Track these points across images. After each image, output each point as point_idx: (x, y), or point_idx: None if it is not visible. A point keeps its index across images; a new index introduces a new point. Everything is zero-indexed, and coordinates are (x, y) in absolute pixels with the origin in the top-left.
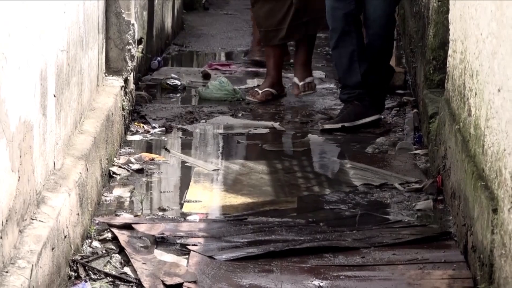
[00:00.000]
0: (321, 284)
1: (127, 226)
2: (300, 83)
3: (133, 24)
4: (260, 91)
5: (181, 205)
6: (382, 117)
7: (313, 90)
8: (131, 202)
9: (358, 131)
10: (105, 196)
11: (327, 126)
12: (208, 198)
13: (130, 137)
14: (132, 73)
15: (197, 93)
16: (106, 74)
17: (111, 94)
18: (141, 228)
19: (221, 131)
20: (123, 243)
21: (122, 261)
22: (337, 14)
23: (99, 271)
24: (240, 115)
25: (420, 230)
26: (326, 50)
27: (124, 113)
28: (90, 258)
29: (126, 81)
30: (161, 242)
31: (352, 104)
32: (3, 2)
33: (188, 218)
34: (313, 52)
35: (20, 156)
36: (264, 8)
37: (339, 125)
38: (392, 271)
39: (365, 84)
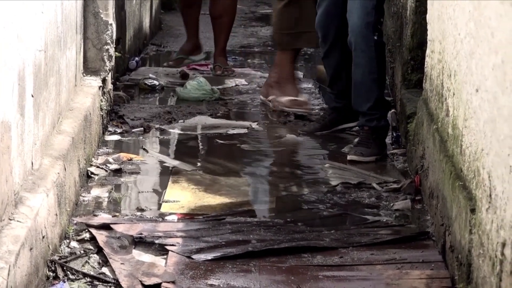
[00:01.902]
0: (299, 284)
1: (105, 226)
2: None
3: (111, 24)
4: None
5: (160, 205)
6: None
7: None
8: (109, 202)
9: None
10: (83, 196)
11: (305, 130)
12: (186, 198)
13: (108, 137)
14: (110, 73)
15: (175, 93)
16: (84, 74)
17: (89, 94)
18: (120, 228)
19: (199, 131)
20: (101, 243)
21: (101, 261)
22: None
23: (77, 271)
24: (218, 115)
25: (398, 230)
26: (304, 51)
27: (102, 113)
28: (68, 259)
29: (104, 81)
30: (139, 242)
31: (327, 111)
32: None
33: (167, 218)
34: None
35: None
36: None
37: (318, 134)
38: (370, 271)
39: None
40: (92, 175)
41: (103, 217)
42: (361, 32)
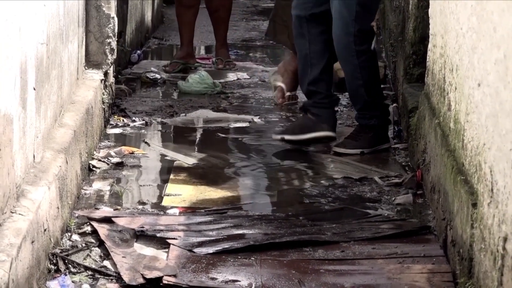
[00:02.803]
0: (300, 278)
1: (107, 220)
2: (287, 94)
3: (113, 18)
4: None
5: (161, 199)
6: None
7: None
8: (111, 195)
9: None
10: (84, 190)
11: (274, 137)
12: (188, 192)
13: (109, 131)
14: (112, 67)
15: (177, 87)
16: (86, 68)
17: (91, 87)
18: (121, 221)
19: (201, 124)
20: (102, 237)
21: (102, 255)
22: (293, 15)
23: (78, 264)
24: (220, 108)
25: (400, 224)
26: None
27: (104, 107)
28: (70, 252)
29: (106, 74)
30: (141, 235)
31: (303, 115)
32: None
33: (168, 211)
34: None
35: (0, 149)
36: None
37: (278, 137)
38: (371, 265)
39: (312, 93)
40: (94, 168)
41: (105, 211)
42: (341, 42)
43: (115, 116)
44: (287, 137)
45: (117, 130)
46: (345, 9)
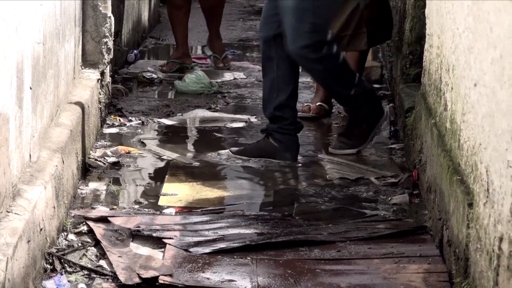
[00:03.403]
0: (296, 278)
1: (103, 219)
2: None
3: (109, 17)
4: (311, 105)
5: (157, 198)
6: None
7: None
8: (107, 195)
9: None
10: (81, 189)
11: (229, 154)
12: (184, 191)
13: (106, 130)
14: (108, 66)
15: (173, 87)
16: (83, 67)
17: (88, 87)
18: (117, 221)
19: (197, 124)
20: (99, 236)
21: (98, 254)
22: (260, 38)
23: (74, 264)
24: (216, 108)
25: (396, 224)
26: None
27: (100, 106)
28: (66, 251)
29: (102, 74)
30: (137, 235)
31: (264, 139)
32: None
33: (164, 211)
34: None
35: None
36: None
37: (232, 154)
38: (367, 265)
39: (277, 118)
40: (90, 168)
41: (101, 210)
42: (297, 55)
43: (112, 116)
44: (244, 158)
45: (114, 130)
46: (298, 23)
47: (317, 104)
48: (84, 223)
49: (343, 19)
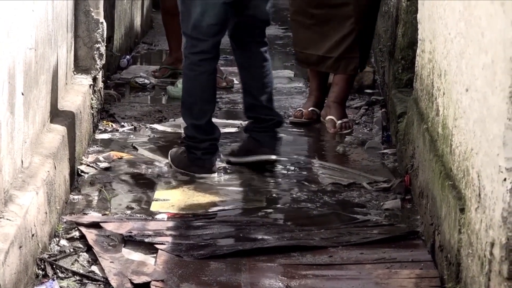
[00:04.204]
0: (288, 283)
1: (95, 225)
2: (338, 122)
3: (102, 23)
4: (304, 110)
5: (149, 204)
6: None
7: (350, 129)
8: (99, 200)
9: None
10: (73, 195)
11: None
12: (176, 197)
13: (98, 136)
14: (101, 72)
15: (166, 92)
16: (75, 73)
17: (80, 92)
18: (109, 226)
19: None
20: (91, 242)
21: (90, 260)
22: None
23: (66, 269)
24: None
25: (388, 230)
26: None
27: (92, 112)
28: (58, 257)
29: (94, 79)
30: (129, 240)
31: (248, 138)
32: None
33: (156, 216)
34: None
35: None
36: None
37: (224, 160)
38: (359, 270)
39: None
40: (82, 174)
41: (93, 216)
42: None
43: (104, 121)
44: (232, 159)
45: (106, 135)
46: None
47: (310, 109)
48: (76, 228)
49: (335, 40)
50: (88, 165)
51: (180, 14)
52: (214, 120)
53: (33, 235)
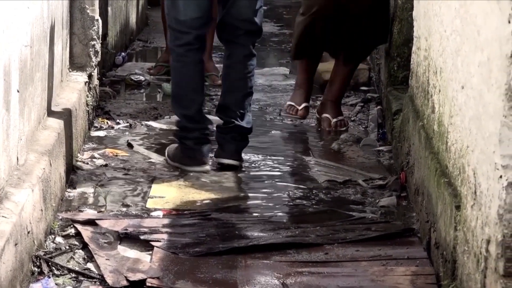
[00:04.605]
0: (284, 280)
1: (91, 222)
2: (333, 120)
3: (97, 20)
4: (297, 107)
5: (145, 201)
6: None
7: (346, 127)
8: (95, 198)
9: None
10: (68, 192)
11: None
12: (172, 194)
13: (94, 133)
14: (96, 69)
15: (161, 89)
16: (70, 70)
17: (75, 89)
18: (105, 224)
19: None
20: (86, 239)
21: (86, 257)
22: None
23: (62, 267)
24: (204, 110)
25: (384, 227)
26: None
27: (88, 109)
28: (54, 254)
29: (90, 76)
30: (124, 238)
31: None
32: None
33: (152, 214)
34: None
35: None
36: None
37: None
38: (355, 268)
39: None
40: (78, 171)
41: (89, 213)
42: None
43: (99, 119)
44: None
45: (101, 133)
46: None
47: (303, 105)
48: (71, 226)
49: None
50: (83, 162)
51: (165, 7)
52: (209, 117)
53: (28, 232)
